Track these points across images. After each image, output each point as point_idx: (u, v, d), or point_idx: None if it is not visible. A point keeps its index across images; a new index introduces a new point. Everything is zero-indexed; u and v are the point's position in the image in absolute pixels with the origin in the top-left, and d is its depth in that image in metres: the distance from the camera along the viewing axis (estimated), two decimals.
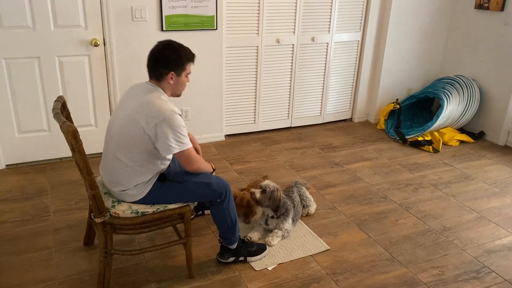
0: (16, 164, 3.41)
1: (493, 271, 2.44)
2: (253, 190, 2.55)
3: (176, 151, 2.00)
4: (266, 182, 2.58)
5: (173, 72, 2.06)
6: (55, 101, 2.14)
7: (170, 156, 2.15)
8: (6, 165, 3.38)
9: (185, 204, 2.17)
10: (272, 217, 2.61)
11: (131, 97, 2.08)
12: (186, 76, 2.13)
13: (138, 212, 2.08)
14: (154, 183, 2.10)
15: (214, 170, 2.36)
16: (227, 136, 4.13)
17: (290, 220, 2.63)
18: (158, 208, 2.11)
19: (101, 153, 2.06)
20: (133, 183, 2.06)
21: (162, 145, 1.97)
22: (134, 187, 2.06)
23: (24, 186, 3.12)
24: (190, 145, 2.05)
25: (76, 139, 1.83)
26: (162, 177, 2.13)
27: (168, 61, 2.04)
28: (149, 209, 2.10)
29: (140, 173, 2.05)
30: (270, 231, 2.64)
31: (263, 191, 2.54)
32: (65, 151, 3.45)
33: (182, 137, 1.99)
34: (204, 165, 2.19)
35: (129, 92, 2.15)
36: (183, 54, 2.08)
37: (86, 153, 1.87)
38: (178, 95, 2.18)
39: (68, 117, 2.23)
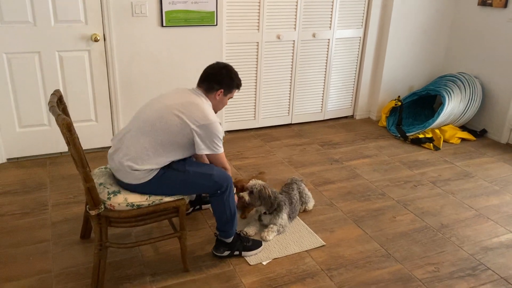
0: (17, 158, 3.44)
1: (489, 269, 2.43)
2: (241, 194, 2.57)
3: (211, 153, 2.19)
4: (252, 182, 2.59)
5: (222, 90, 2.29)
6: (52, 94, 2.16)
7: (189, 154, 2.24)
8: (7, 159, 3.41)
9: (180, 198, 2.18)
10: (265, 213, 2.62)
11: (178, 94, 2.23)
12: (228, 99, 2.37)
13: (133, 205, 2.09)
14: (159, 170, 2.13)
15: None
16: (227, 132, 4.13)
17: (284, 216, 2.63)
18: (153, 201, 2.13)
19: (102, 148, 2.09)
20: (146, 166, 2.09)
21: (201, 145, 2.13)
22: (144, 170, 2.09)
23: (24, 180, 3.15)
24: (222, 150, 2.25)
25: (70, 131, 1.84)
26: (166, 165, 2.16)
27: (222, 80, 2.28)
28: (144, 202, 2.11)
29: (158, 158, 2.10)
30: (266, 226, 2.64)
31: (251, 192, 2.55)
32: (65, 146, 3.45)
33: (219, 142, 2.20)
34: (229, 167, 2.36)
35: (176, 90, 2.30)
36: (236, 80, 2.34)
37: (87, 148, 1.89)
38: (215, 112, 2.29)
39: (64, 111, 2.25)
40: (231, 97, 2.38)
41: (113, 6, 3.27)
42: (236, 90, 2.38)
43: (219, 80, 2.27)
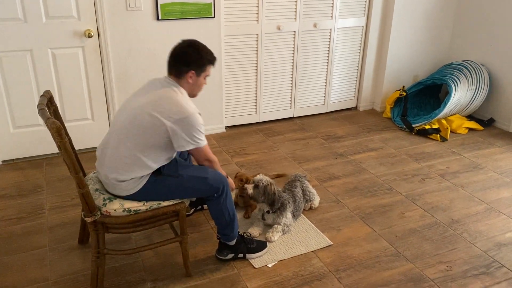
0: (12, 159, 3.35)
1: (504, 266, 2.34)
2: (246, 185, 2.47)
3: (191, 147, 2.01)
4: (259, 176, 2.49)
5: (193, 71, 2.06)
6: (41, 96, 2.06)
7: (174, 155, 2.11)
8: (2, 161, 3.32)
9: (179, 201, 2.09)
10: (268, 212, 2.52)
11: (149, 89, 2.05)
12: (205, 78, 2.14)
13: (130, 210, 2.00)
14: (149, 177, 2.02)
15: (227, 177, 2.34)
16: (228, 127, 4.03)
17: (288, 215, 2.54)
18: (151, 206, 2.03)
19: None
20: (131, 175, 1.98)
21: (180, 141, 1.97)
22: (130, 179, 1.98)
23: (20, 183, 3.06)
24: (205, 142, 2.07)
25: (60, 136, 1.74)
26: (157, 171, 2.05)
27: (190, 60, 2.04)
28: (141, 207, 2.01)
29: (141, 165, 1.98)
30: (270, 226, 2.55)
31: (256, 186, 2.45)
32: None
33: (200, 135, 2.02)
34: (218, 166, 2.21)
35: (147, 84, 2.11)
36: (205, 55, 2.08)
37: (84, 147, 1.79)
38: (194, 96, 2.14)
39: (55, 112, 2.15)
40: (208, 75, 2.13)
41: (107, 0, 3.15)
42: (211, 66, 2.13)
43: (186, 60, 2.03)
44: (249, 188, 2.45)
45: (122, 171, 1.97)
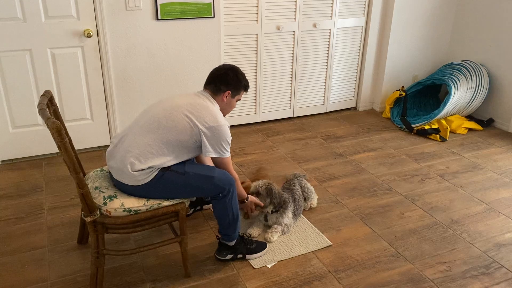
0: (12, 159, 3.34)
1: (503, 266, 2.34)
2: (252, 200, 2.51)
3: (217, 156, 2.13)
4: (255, 184, 2.50)
5: (229, 92, 2.23)
6: (41, 96, 2.05)
7: (194, 156, 2.18)
8: (2, 161, 3.31)
9: (179, 201, 2.08)
10: (272, 211, 2.52)
11: (186, 96, 2.19)
12: (236, 101, 2.31)
13: (130, 210, 1.99)
14: (158, 171, 2.03)
15: (247, 199, 2.43)
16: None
17: (290, 214, 2.54)
18: (151, 206, 2.03)
19: (99, 147, 2.01)
20: (149, 163, 1.99)
21: (209, 147, 2.08)
22: (147, 168, 1.99)
23: (19, 183, 3.05)
24: (229, 155, 2.19)
25: (61, 136, 1.73)
26: (165, 167, 2.05)
27: (229, 81, 2.22)
28: (142, 207, 2.01)
29: (162, 156, 2.02)
30: (270, 226, 2.55)
31: (258, 194, 2.46)
32: None
33: (227, 146, 2.15)
34: (238, 184, 2.32)
35: (183, 94, 2.26)
36: (243, 81, 2.28)
37: (83, 147, 1.79)
38: (223, 115, 2.23)
39: (55, 112, 2.14)
40: (239, 99, 2.34)
41: (106, 0, 3.14)
42: (244, 92, 2.33)
43: (226, 81, 2.22)
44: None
45: (143, 158, 2.00)
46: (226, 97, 2.23)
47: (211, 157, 2.17)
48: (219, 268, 2.28)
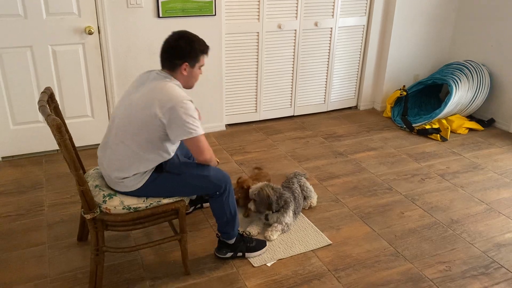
0: (12, 156, 3.34)
1: (503, 266, 2.34)
2: (249, 205, 2.52)
3: (187, 136, 1.94)
4: (252, 188, 2.51)
5: (187, 63, 2.03)
6: (42, 92, 2.05)
7: (175, 147, 2.09)
8: (2, 158, 3.31)
9: (179, 199, 2.08)
10: (272, 211, 2.52)
11: (141, 83, 2.03)
12: (200, 68, 2.10)
13: (130, 208, 1.99)
14: (151, 174, 2.02)
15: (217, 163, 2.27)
16: (228, 125, 4.02)
17: (291, 213, 2.54)
18: (151, 203, 2.02)
19: (99, 144, 2.00)
20: (133, 171, 1.97)
21: (175, 130, 1.92)
22: (133, 175, 1.98)
23: (20, 179, 3.06)
24: (202, 132, 1.98)
25: (61, 133, 1.73)
26: (159, 168, 2.04)
27: (182, 52, 2.01)
28: (141, 204, 2.01)
29: (142, 160, 1.97)
30: (270, 225, 2.55)
31: (254, 201, 2.47)
32: None
33: (195, 122, 1.94)
34: (213, 157, 2.11)
35: (139, 78, 2.09)
36: (198, 46, 2.04)
37: (83, 144, 1.78)
38: (190, 87, 2.12)
39: (56, 109, 2.14)
40: (202, 65, 2.10)
41: None
42: (204, 56, 2.09)
43: (179, 54, 2.00)
44: (251, 206, 2.50)
45: (124, 168, 1.97)
46: (185, 69, 2.03)
47: (184, 141, 1.99)
48: (218, 266, 2.28)
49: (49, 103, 2.06)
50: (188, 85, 2.10)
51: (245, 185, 2.64)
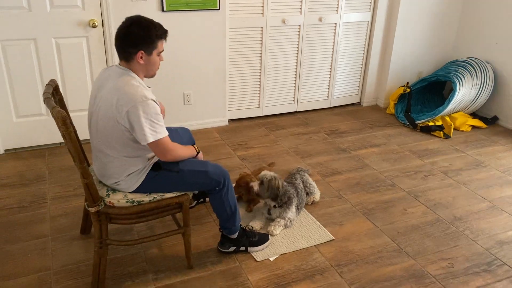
0: (15, 149, 3.34)
1: (505, 264, 2.33)
2: (252, 183, 2.47)
3: (150, 140, 1.82)
4: (263, 172, 2.49)
5: (142, 51, 1.86)
6: (47, 84, 2.04)
7: None
8: (5, 150, 3.31)
9: (183, 193, 2.08)
10: (275, 206, 2.52)
11: (101, 84, 1.92)
12: (159, 55, 1.93)
13: (133, 201, 1.99)
14: (148, 173, 2.00)
15: (198, 152, 2.16)
16: (231, 121, 4.02)
17: (293, 209, 2.54)
18: (154, 197, 2.02)
19: None
20: (125, 173, 1.96)
21: (138, 134, 1.82)
22: (126, 177, 1.97)
23: (23, 172, 3.06)
24: (165, 134, 1.86)
25: (66, 125, 1.73)
26: (157, 166, 2.02)
27: (136, 39, 1.84)
28: (145, 198, 2.01)
29: (129, 163, 1.95)
30: (273, 220, 2.55)
31: (261, 183, 2.45)
32: None
33: (156, 125, 1.81)
34: (182, 152, 2.00)
35: (99, 78, 1.98)
36: (153, 31, 1.87)
37: (87, 138, 1.77)
38: (152, 76, 1.99)
39: (60, 101, 2.14)
40: (161, 51, 1.94)
41: None
42: (162, 41, 1.92)
43: (132, 42, 1.84)
44: (255, 185, 2.46)
45: (114, 174, 1.96)
46: (142, 57, 1.87)
47: (149, 147, 1.86)
48: (221, 260, 2.28)
49: (54, 96, 2.06)
50: (148, 74, 1.96)
51: (242, 182, 2.63)
